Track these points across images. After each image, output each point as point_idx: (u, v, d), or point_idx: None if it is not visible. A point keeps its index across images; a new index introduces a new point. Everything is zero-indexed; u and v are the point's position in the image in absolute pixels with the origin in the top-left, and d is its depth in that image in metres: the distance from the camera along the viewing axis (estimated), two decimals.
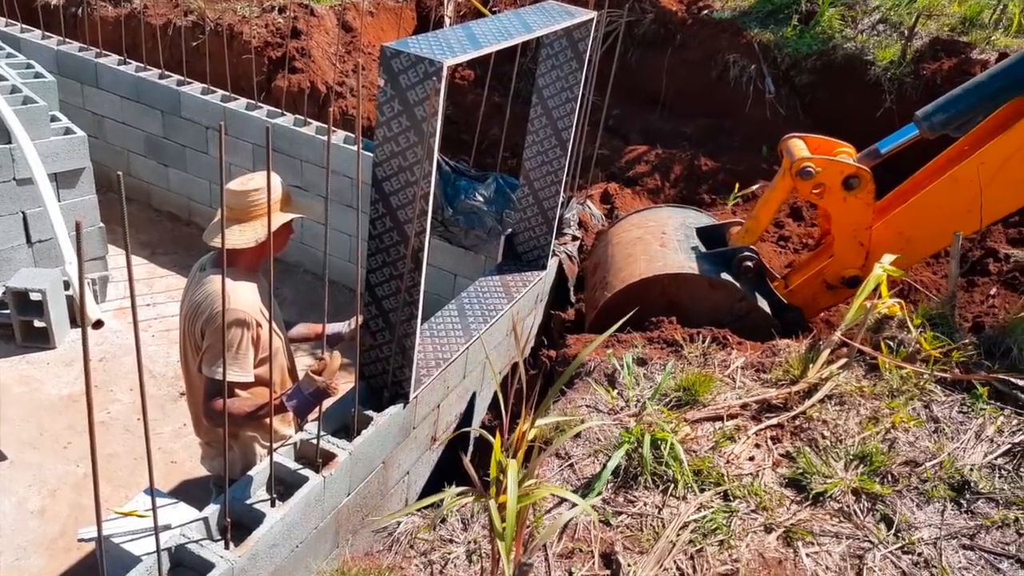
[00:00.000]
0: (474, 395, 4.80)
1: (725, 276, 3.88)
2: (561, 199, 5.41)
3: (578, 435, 2.95)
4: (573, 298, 5.58)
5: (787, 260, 5.50)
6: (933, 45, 6.98)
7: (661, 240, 4.18)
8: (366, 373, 3.92)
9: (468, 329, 4.53)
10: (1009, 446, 2.95)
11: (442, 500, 2.08)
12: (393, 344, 3.74)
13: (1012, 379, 3.17)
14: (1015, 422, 3.06)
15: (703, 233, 4.37)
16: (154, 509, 2.31)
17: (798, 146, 3.93)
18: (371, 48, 8.06)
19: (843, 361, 3.19)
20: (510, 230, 5.34)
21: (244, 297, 2.97)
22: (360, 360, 3.89)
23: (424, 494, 4.39)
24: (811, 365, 3.19)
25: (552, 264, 5.43)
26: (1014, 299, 5.65)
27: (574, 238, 5.70)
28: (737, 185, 6.51)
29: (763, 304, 3.91)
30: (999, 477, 2.83)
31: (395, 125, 3.32)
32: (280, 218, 3.08)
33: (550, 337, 5.34)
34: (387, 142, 3.36)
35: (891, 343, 3.34)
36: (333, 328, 3.81)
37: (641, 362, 3.39)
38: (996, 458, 2.92)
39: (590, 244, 5.79)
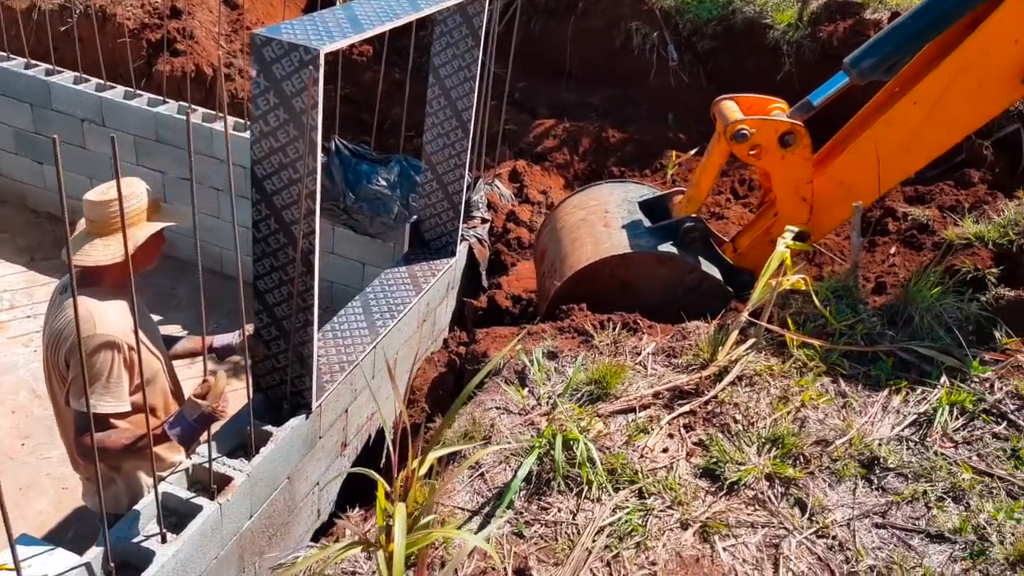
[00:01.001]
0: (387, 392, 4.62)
1: (671, 249, 3.79)
2: (467, 181, 5.23)
3: (488, 440, 2.81)
4: (486, 283, 5.43)
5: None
6: (828, 7, 7.02)
7: (605, 220, 4.03)
8: (263, 384, 3.69)
9: (374, 327, 4.34)
10: (914, 416, 2.97)
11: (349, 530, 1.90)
12: (289, 353, 3.52)
13: (914, 347, 3.19)
14: (919, 391, 3.08)
15: (646, 206, 4.20)
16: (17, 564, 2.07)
17: (730, 108, 3.84)
18: (259, 25, 7.63)
19: (751, 342, 3.14)
20: (415, 217, 5.14)
21: (112, 319, 2.70)
22: (255, 371, 3.66)
23: (340, 501, 4.20)
24: (720, 348, 3.13)
25: (462, 250, 5.26)
26: (913, 256, 5.78)
27: (483, 220, 5.54)
28: (674, 153, 6.44)
29: (713, 272, 3.84)
30: (907, 450, 2.84)
31: (272, 119, 3.07)
32: (147, 229, 2.81)
33: (464, 326, 5.18)
34: (265, 138, 3.12)
35: (798, 319, 3.32)
36: (222, 340, 3.56)
37: (552, 356, 3.27)
38: (903, 430, 2.92)
39: (500, 226, 5.63)
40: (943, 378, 3.11)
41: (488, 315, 5.01)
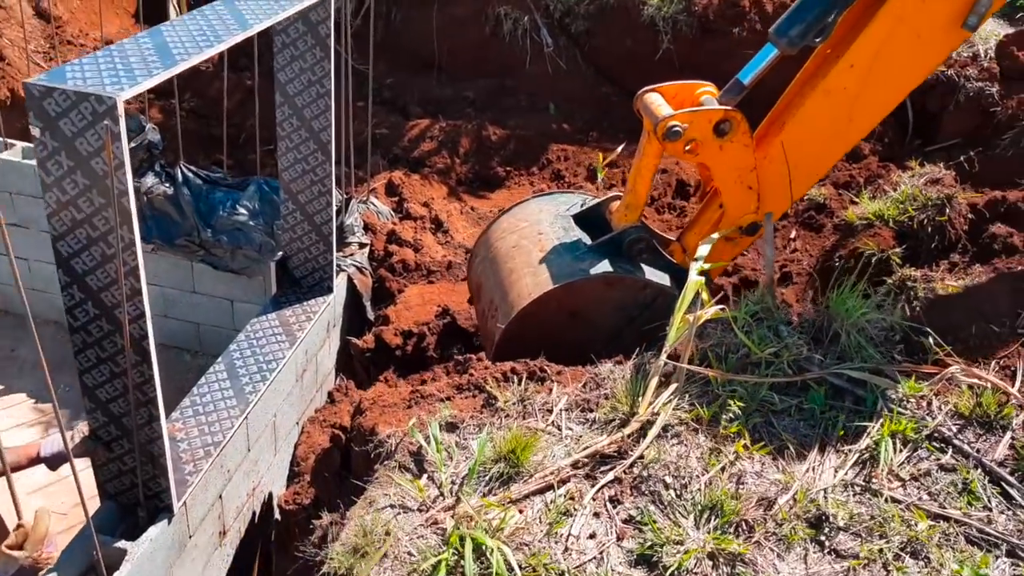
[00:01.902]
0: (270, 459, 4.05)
1: (618, 267, 3.40)
2: (336, 205, 4.67)
3: (385, 555, 2.34)
4: (372, 315, 4.90)
5: None
6: None
7: (540, 243, 3.62)
8: (111, 490, 3.08)
9: (242, 394, 3.76)
10: (857, 455, 2.68)
11: None
12: (136, 453, 2.92)
13: (845, 371, 2.90)
14: (857, 422, 2.80)
15: (582, 220, 3.77)
16: None
17: (655, 102, 3.41)
18: (84, 38, 6.72)
19: (673, 388, 2.78)
20: (281, 253, 4.54)
21: None
22: (98, 477, 3.05)
23: None
24: (640, 398, 2.75)
25: (340, 283, 4.71)
26: (814, 240, 5.63)
27: (361, 245, 4.99)
28: (601, 155, 5.97)
29: (666, 283, 3.44)
30: (854, 498, 2.55)
31: (69, 186, 2.45)
32: None
33: (351, 370, 4.65)
34: (64, 209, 2.50)
35: (719, 350, 2.97)
36: (51, 446, 2.92)
37: (451, 427, 2.81)
38: (847, 472, 2.64)
39: (380, 249, 5.09)
40: (880, 403, 2.84)
41: (377, 355, 4.50)
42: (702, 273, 2.81)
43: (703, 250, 3.02)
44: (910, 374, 2.99)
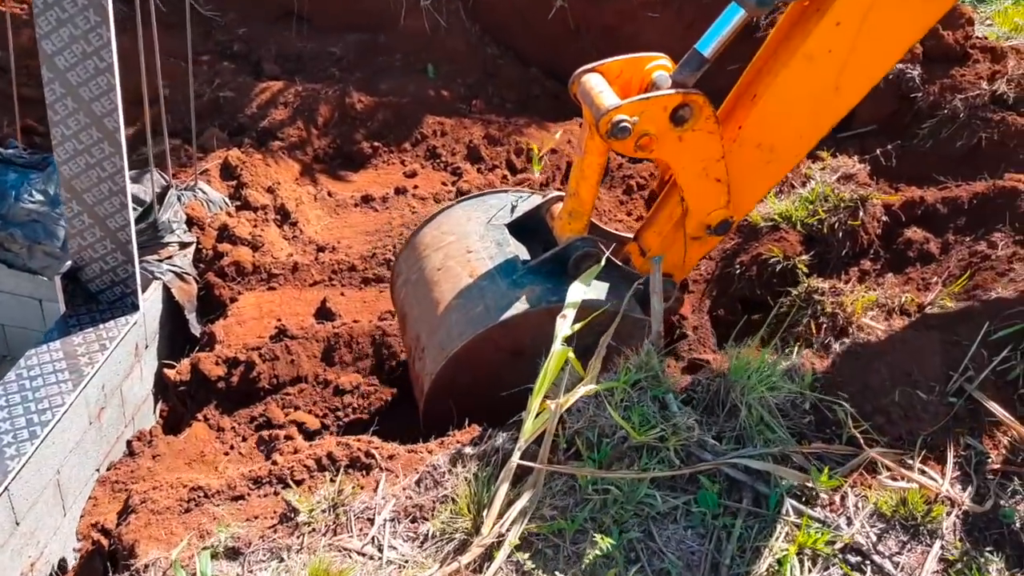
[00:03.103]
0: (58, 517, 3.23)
1: (557, 297, 2.69)
2: (151, 194, 3.80)
3: None
4: (197, 329, 4.06)
5: None
6: None
7: (469, 265, 2.98)
8: None
9: (1, 460, 2.92)
10: None
11: None
12: None
13: (744, 460, 2.32)
14: (756, 532, 2.23)
15: (518, 228, 3.14)
16: None
17: (595, 88, 2.66)
18: None
19: (528, 497, 2.12)
20: (69, 263, 3.64)
21: None
22: None
23: None
24: (487, 510, 2.09)
25: (153, 295, 3.85)
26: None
27: (183, 245, 4.12)
28: (536, 147, 5.16)
29: (629, 303, 2.77)
30: None
31: None
32: None
33: (168, 398, 3.83)
34: None
35: (591, 434, 2.34)
36: None
37: (233, 553, 2.09)
38: None
39: (210, 247, 4.23)
40: (785, 504, 2.27)
41: (196, 386, 3.70)
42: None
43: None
44: (821, 456, 2.45)
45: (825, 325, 4.14)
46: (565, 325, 2.23)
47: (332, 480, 2.29)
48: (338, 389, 3.71)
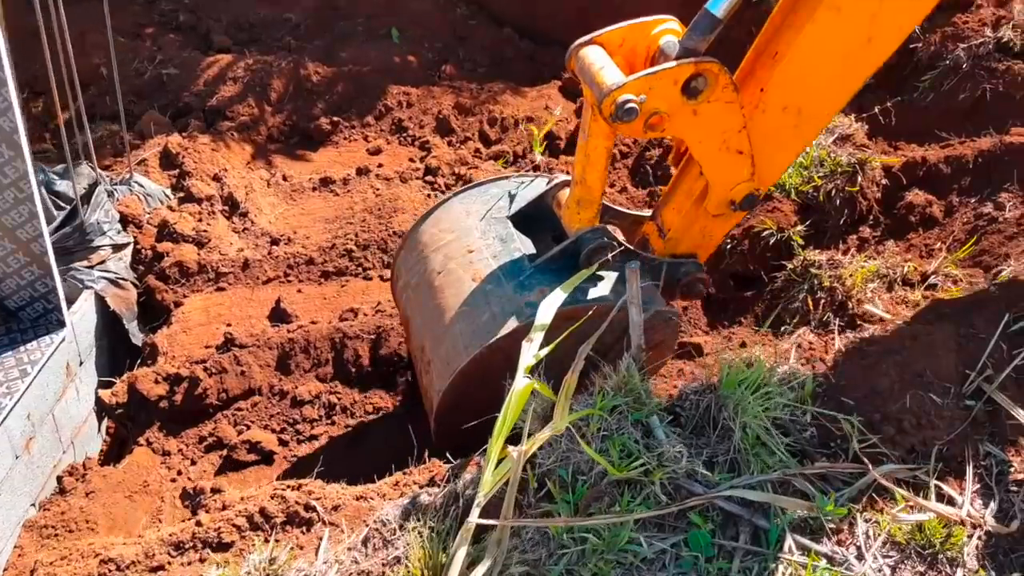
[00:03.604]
0: None
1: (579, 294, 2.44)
2: (79, 191, 3.44)
3: None
4: (138, 339, 3.73)
5: None
6: None
7: (472, 267, 2.70)
8: None
9: None
10: None
11: None
12: None
13: (739, 492, 2.02)
14: (757, 571, 1.94)
15: (522, 219, 2.86)
16: None
17: (596, 63, 2.33)
18: None
19: (487, 565, 1.82)
20: None
21: None
22: None
23: None
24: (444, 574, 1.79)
25: (84, 306, 3.50)
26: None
27: (117, 247, 3.75)
28: (534, 129, 4.74)
29: (648, 295, 2.54)
30: None
31: None
32: None
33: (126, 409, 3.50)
34: None
35: (564, 472, 2.03)
36: None
37: None
38: None
39: (148, 248, 3.87)
40: (788, 540, 1.98)
41: (135, 408, 3.38)
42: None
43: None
44: (826, 476, 2.15)
45: (823, 300, 3.83)
46: (529, 352, 1.90)
47: (267, 540, 1.98)
48: (296, 400, 3.40)
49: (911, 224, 4.03)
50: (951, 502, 2.11)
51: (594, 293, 2.51)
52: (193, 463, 3.27)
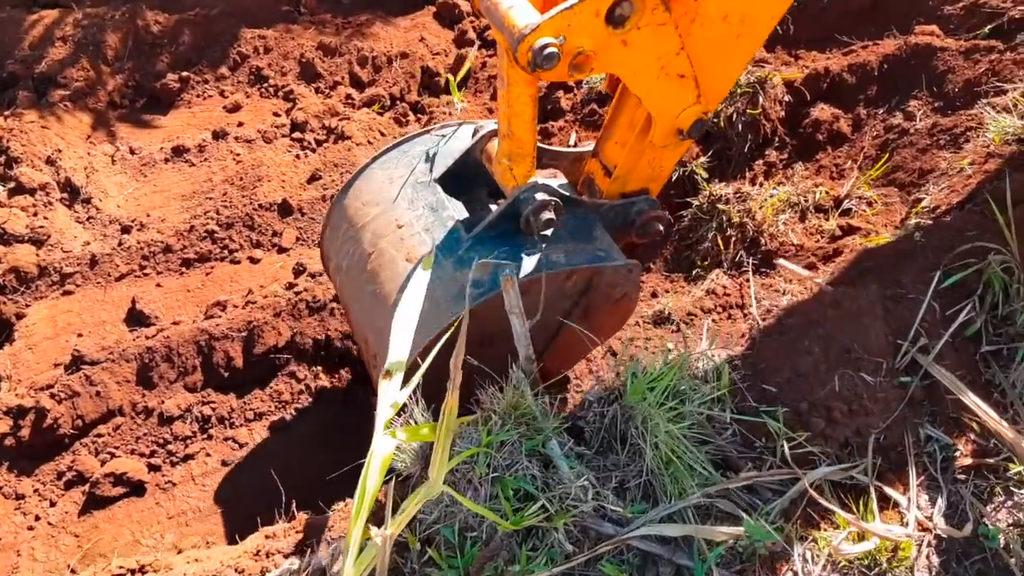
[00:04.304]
0: None
1: (523, 268, 2.16)
2: None
3: None
4: None
5: None
6: None
7: (404, 246, 2.39)
8: None
9: None
10: None
11: None
12: None
13: (656, 530, 1.76)
14: None
15: (451, 178, 2.53)
16: None
17: (504, 1, 1.95)
18: None
19: None
20: None
21: None
22: None
23: None
24: None
25: None
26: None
27: None
28: (450, 77, 4.09)
29: (599, 252, 2.30)
30: None
31: None
32: None
33: None
34: None
35: (451, 528, 1.72)
36: None
37: None
38: None
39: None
40: None
41: None
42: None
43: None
44: (754, 487, 1.91)
45: (734, 238, 3.58)
46: (388, 394, 1.55)
47: None
48: (164, 417, 2.99)
49: (819, 143, 3.77)
50: (895, 505, 1.90)
51: (539, 260, 2.20)
52: (53, 504, 2.86)
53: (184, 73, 4.36)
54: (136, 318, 3.26)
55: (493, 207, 2.49)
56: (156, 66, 4.38)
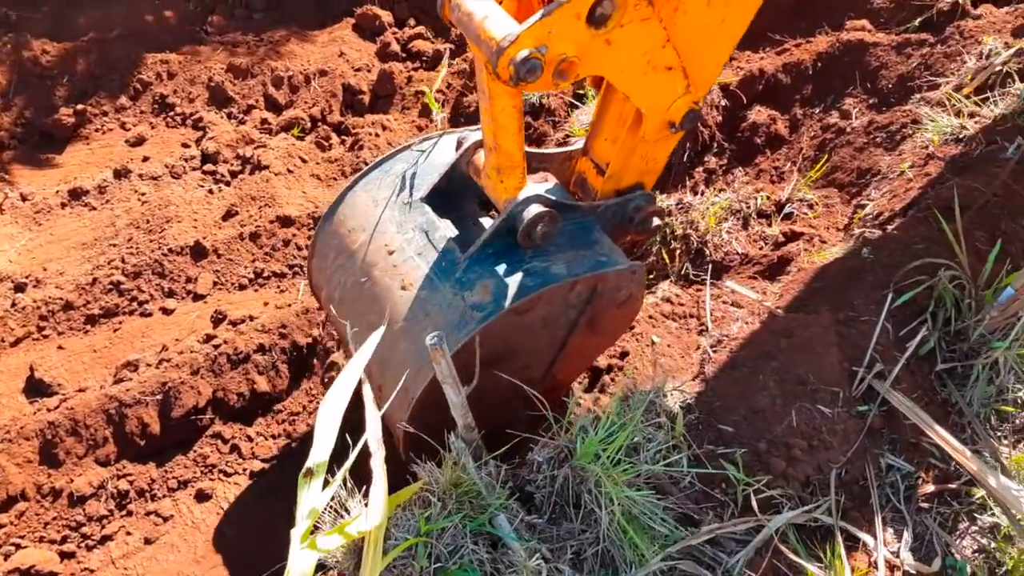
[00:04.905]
0: None
1: (521, 284, 2.12)
2: None
3: None
4: None
5: None
6: None
7: (398, 273, 2.28)
8: None
9: None
10: None
11: None
12: None
13: None
14: None
15: (438, 199, 2.40)
16: None
17: (477, 11, 1.85)
18: None
19: None
20: None
21: None
22: None
23: None
24: None
25: None
26: None
27: None
28: (428, 90, 3.76)
29: (600, 259, 2.23)
30: None
31: None
32: None
33: None
34: None
35: None
36: None
37: None
38: None
39: None
40: None
41: None
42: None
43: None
44: (717, 540, 1.77)
45: (678, 250, 3.47)
46: (306, 508, 1.35)
47: None
48: (75, 497, 2.72)
49: (757, 146, 3.68)
50: (863, 545, 1.78)
51: (541, 274, 2.14)
52: None
53: (79, 106, 4.04)
54: (36, 388, 2.97)
55: (485, 220, 2.43)
56: (49, 99, 4.05)
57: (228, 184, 3.72)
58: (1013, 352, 1.93)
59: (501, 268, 2.14)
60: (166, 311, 3.22)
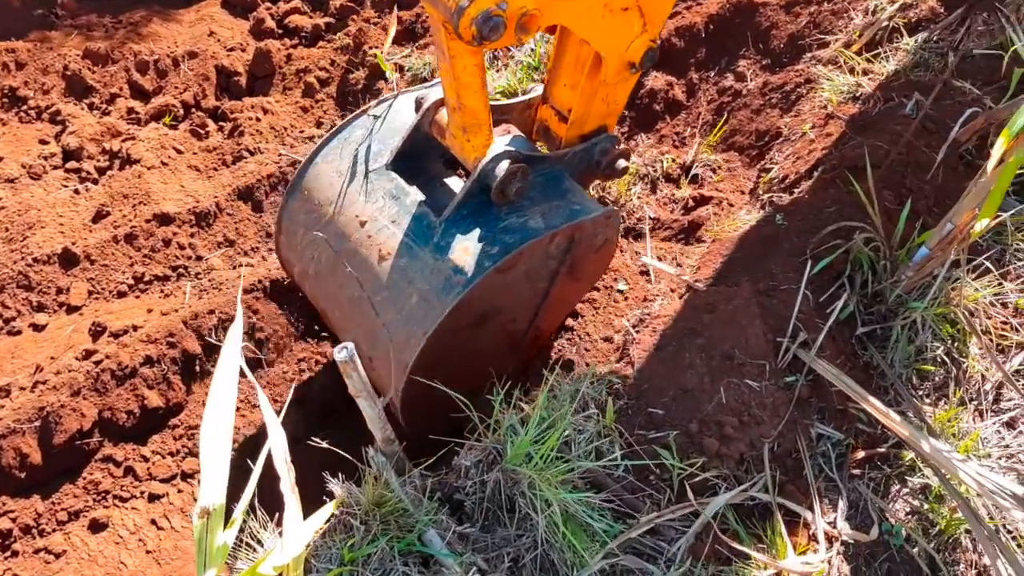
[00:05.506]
0: None
1: (499, 244, 2.08)
2: None
3: None
4: None
5: None
6: None
7: (374, 243, 2.22)
8: None
9: None
10: None
11: None
12: None
13: None
14: None
15: (405, 163, 2.34)
16: None
17: None
18: None
19: None
20: None
21: None
22: None
23: None
24: None
25: None
26: None
27: None
28: (380, 56, 3.41)
29: (574, 208, 2.21)
30: None
31: None
32: None
33: None
34: None
35: None
36: None
37: None
38: None
39: None
40: None
41: None
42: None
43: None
44: (657, 529, 1.71)
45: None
46: (204, 550, 1.19)
47: None
48: None
49: (657, 112, 3.64)
50: (802, 521, 1.76)
51: (519, 230, 2.11)
52: None
53: None
54: None
55: (451, 180, 2.38)
56: None
57: (96, 182, 3.38)
58: (931, 311, 1.94)
59: (478, 228, 2.11)
60: (37, 327, 2.90)
